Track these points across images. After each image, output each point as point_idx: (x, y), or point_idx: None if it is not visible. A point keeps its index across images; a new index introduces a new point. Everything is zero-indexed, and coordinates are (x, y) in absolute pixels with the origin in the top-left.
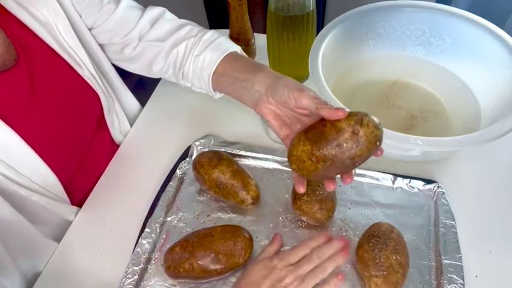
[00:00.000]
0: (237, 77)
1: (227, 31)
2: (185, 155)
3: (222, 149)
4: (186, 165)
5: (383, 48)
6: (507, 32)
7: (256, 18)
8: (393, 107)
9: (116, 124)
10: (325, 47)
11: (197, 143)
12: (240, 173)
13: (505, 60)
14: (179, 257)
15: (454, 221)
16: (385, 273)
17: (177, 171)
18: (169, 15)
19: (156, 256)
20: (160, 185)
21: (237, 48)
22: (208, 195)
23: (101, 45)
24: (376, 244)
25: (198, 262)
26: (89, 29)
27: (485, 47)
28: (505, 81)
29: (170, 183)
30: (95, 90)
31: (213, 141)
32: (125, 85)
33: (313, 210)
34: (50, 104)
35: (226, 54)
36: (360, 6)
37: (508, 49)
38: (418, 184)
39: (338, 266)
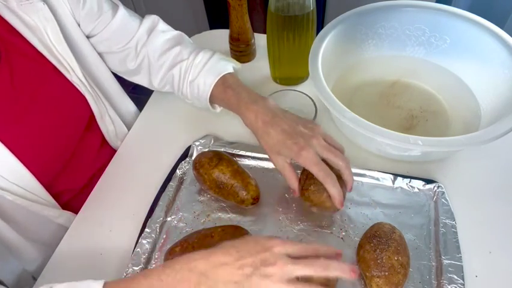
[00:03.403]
0: (231, 103)
1: (227, 31)
2: (185, 155)
3: (222, 149)
4: (186, 165)
5: (383, 48)
6: (507, 32)
7: (256, 18)
8: (393, 107)
9: (111, 129)
10: (325, 47)
11: (197, 143)
12: (240, 173)
13: (505, 60)
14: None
15: (454, 221)
16: (387, 273)
17: (177, 171)
18: (161, 26)
19: (156, 256)
20: (160, 185)
21: (230, 67)
22: (208, 195)
23: (101, 55)
24: (378, 244)
25: None
26: (88, 38)
27: (485, 47)
28: (505, 81)
29: (170, 183)
30: (84, 95)
31: (213, 141)
32: (122, 89)
33: (322, 199)
34: (32, 106)
35: (219, 79)
36: (360, 6)
37: (508, 49)
38: (418, 184)
39: None
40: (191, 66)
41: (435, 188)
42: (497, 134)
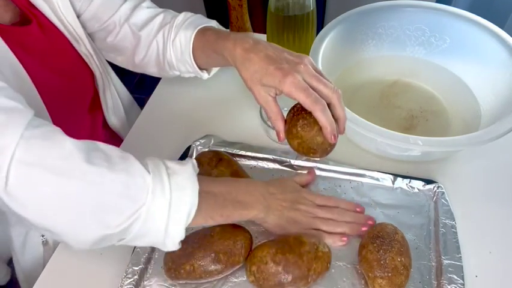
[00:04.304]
0: (214, 48)
1: (227, 31)
2: (185, 155)
3: (222, 149)
4: None
5: (383, 48)
6: (507, 32)
7: (256, 18)
8: (393, 107)
9: (110, 105)
10: (325, 47)
11: (197, 143)
12: (240, 174)
13: (505, 60)
14: (180, 259)
15: (453, 221)
16: (390, 274)
17: None
18: (146, 3)
19: (156, 256)
20: None
21: (212, 23)
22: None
23: (90, 35)
24: (381, 245)
25: (199, 263)
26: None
27: (485, 47)
28: (504, 81)
29: None
30: (91, 67)
31: (212, 141)
32: (114, 73)
33: (313, 134)
34: (55, 71)
35: (199, 29)
36: (360, 6)
37: (508, 49)
38: (418, 184)
39: (349, 233)
40: (172, 26)
41: (435, 188)
42: (497, 134)
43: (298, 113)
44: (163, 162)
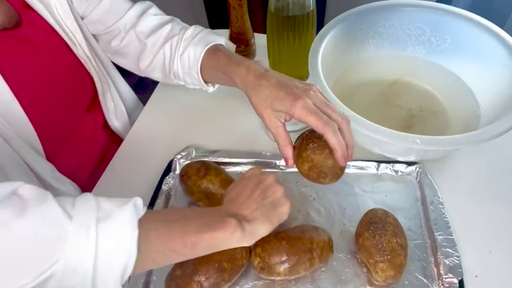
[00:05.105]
0: (223, 70)
1: (227, 31)
2: (168, 169)
3: (206, 159)
4: (171, 180)
5: (383, 47)
6: (507, 32)
7: (256, 18)
8: (393, 106)
9: (111, 108)
10: (325, 47)
11: (178, 156)
12: (229, 182)
13: (505, 60)
14: (183, 280)
15: (439, 198)
16: (389, 256)
17: (163, 187)
18: (153, 10)
19: (154, 279)
20: (148, 204)
21: (220, 40)
22: (198, 207)
23: (94, 37)
24: (375, 230)
25: (205, 277)
26: (82, 18)
27: (485, 47)
28: (504, 81)
29: (157, 200)
30: (89, 70)
31: (194, 153)
32: (119, 74)
33: (324, 156)
34: (48, 73)
35: (209, 47)
36: (360, 6)
37: (508, 49)
38: (401, 167)
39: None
40: (181, 40)
41: (417, 168)
42: (496, 133)
43: (308, 137)
44: (96, 203)
